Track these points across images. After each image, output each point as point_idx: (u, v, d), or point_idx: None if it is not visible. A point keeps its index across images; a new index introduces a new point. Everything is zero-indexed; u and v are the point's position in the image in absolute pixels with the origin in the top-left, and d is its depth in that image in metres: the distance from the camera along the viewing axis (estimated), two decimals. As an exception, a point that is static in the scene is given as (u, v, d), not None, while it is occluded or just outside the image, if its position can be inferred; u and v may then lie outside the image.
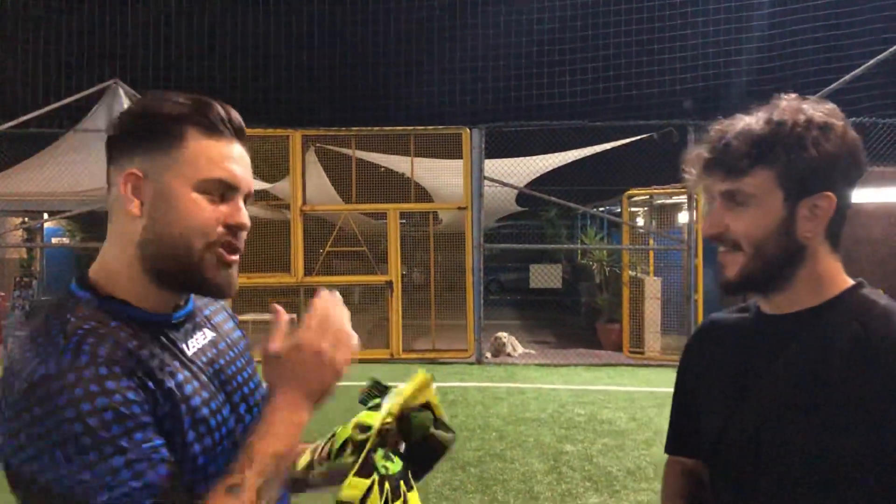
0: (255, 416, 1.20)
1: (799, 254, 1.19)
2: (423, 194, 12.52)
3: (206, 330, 1.21)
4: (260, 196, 13.22)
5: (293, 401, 1.08)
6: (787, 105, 1.18)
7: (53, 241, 17.63)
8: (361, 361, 6.98)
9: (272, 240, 11.13)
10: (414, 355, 10.48)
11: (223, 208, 1.11)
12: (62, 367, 0.95)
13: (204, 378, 1.12)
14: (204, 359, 1.15)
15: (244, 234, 1.16)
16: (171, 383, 1.05)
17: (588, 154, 12.59)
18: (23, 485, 0.94)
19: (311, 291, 11.10)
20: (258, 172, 13.58)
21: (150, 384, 1.01)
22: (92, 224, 18.36)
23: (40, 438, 0.92)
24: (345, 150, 11.76)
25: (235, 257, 1.15)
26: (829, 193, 1.16)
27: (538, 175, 13.01)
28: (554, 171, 13.13)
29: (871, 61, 10.29)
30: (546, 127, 11.16)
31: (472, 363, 10.17)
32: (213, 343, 1.20)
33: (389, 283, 10.44)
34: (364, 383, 1.33)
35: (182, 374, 1.08)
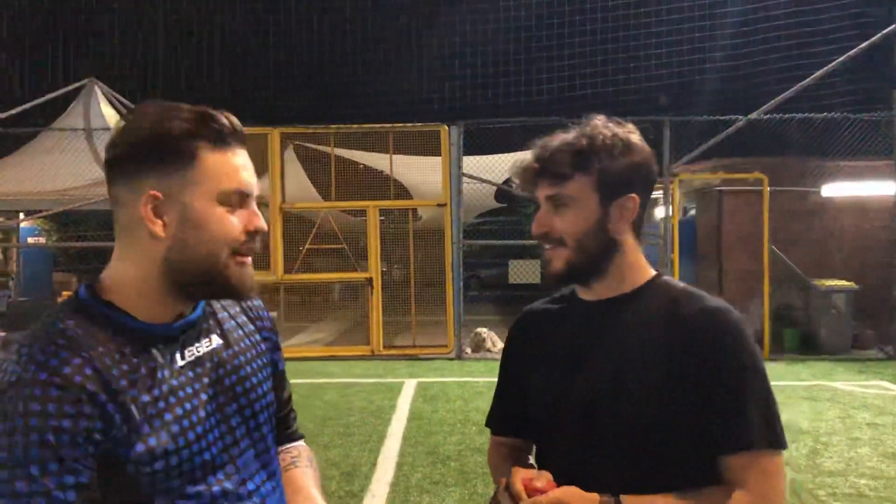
0: (256, 424, 1.23)
1: (612, 247, 1.39)
2: (403, 191, 12.58)
3: (213, 336, 1.22)
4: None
5: None
6: (597, 123, 1.39)
7: (29, 240, 17.45)
8: (342, 358, 7.12)
9: (251, 238, 11.12)
10: (394, 351, 10.54)
11: (243, 215, 1.15)
12: (22, 377, 0.99)
13: (196, 386, 1.15)
14: (201, 367, 1.17)
15: (261, 237, 1.20)
16: (146, 398, 1.07)
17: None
18: None
19: (291, 289, 11.14)
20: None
21: (110, 406, 1.03)
22: (68, 223, 18.22)
23: None
24: (323, 148, 11.78)
25: (250, 258, 1.19)
26: (634, 195, 1.38)
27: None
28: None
29: (842, 57, 10.48)
30: (523, 123, 11.26)
31: (452, 359, 10.24)
32: (216, 351, 1.21)
33: (369, 280, 10.48)
34: (343, 380, 1.41)
35: (167, 385, 1.10)
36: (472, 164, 11.00)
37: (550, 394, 1.43)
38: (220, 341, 1.23)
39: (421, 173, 11.76)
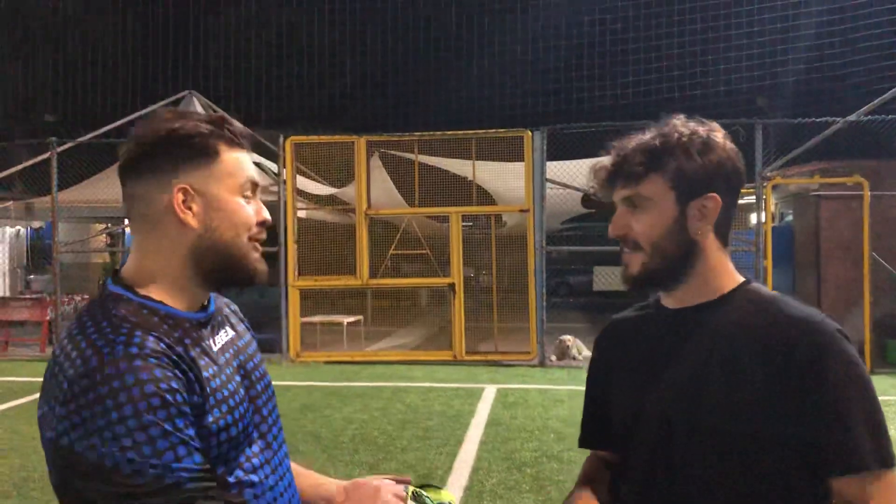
0: (272, 405, 1.36)
1: (692, 250, 1.33)
2: (486, 197, 12.59)
3: (227, 328, 1.33)
4: (327, 200, 13.52)
5: None
6: (675, 122, 1.36)
7: (133, 245, 18.29)
8: (425, 363, 7.20)
9: (338, 243, 11.39)
10: (477, 357, 10.55)
11: (255, 206, 1.28)
12: (115, 356, 1.05)
13: (229, 371, 1.24)
14: (229, 353, 1.27)
15: (267, 227, 1.31)
16: (205, 374, 1.17)
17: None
18: (72, 463, 1.03)
19: (379, 294, 11.35)
20: (326, 177, 13.91)
21: (191, 374, 1.13)
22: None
23: (93, 420, 1.02)
24: (408, 155, 11.93)
25: (260, 247, 1.30)
26: (715, 195, 1.32)
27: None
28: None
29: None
30: (608, 127, 11.09)
31: (534, 366, 10.18)
32: (234, 340, 1.32)
33: (452, 286, 10.54)
34: (425, 384, 1.48)
35: (212, 368, 1.19)
36: (556, 169, 10.91)
37: (627, 406, 1.40)
38: (233, 333, 1.35)
39: (504, 179, 11.74)
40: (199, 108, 14.71)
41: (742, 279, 1.38)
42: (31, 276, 16.95)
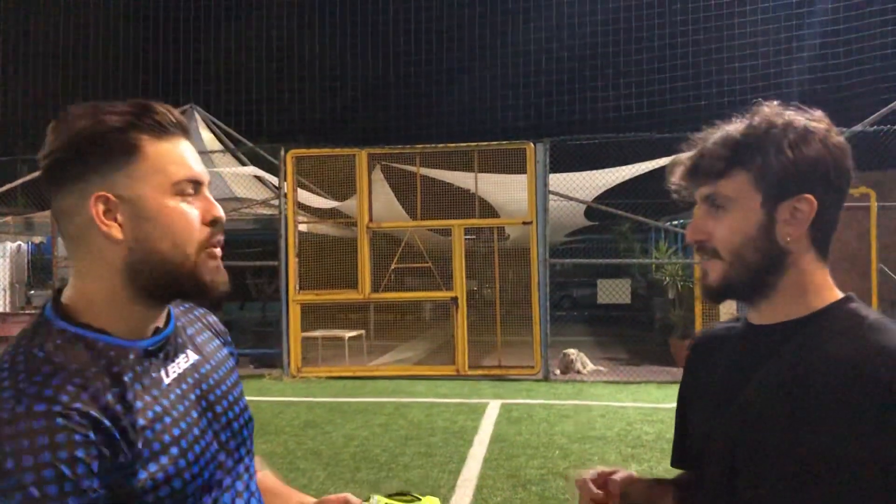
0: (241, 439, 1.20)
1: (781, 260, 1.16)
2: (489, 210, 12.52)
3: (188, 352, 1.16)
4: (329, 214, 13.45)
5: None
6: (768, 110, 1.18)
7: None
8: (428, 378, 7.09)
9: (340, 257, 11.30)
10: (480, 372, 10.43)
11: (199, 205, 1.08)
12: (17, 412, 0.91)
13: (184, 405, 1.09)
14: (186, 384, 1.12)
15: (222, 225, 1.12)
16: (142, 421, 1.01)
17: (659, 166, 12.35)
18: None
19: (382, 307, 11.31)
20: (328, 191, 13.85)
21: (115, 432, 0.97)
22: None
23: None
24: (410, 168, 11.87)
25: (219, 252, 1.11)
26: (810, 196, 1.14)
27: (608, 188, 12.81)
28: (624, 183, 12.89)
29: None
30: (611, 139, 11.02)
31: (539, 380, 10.05)
32: (196, 366, 1.16)
33: (454, 300, 10.44)
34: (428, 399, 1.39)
35: (160, 406, 1.04)
36: (559, 181, 10.83)
37: (700, 428, 1.26)
38: (197, 356, 1.18)
39: (507, 192, 11.67)
40: (201, 122, 14.69)
41: (841, 296, 1.19)
42: (32, 292, 16.87)
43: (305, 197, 12.87)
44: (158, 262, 1.04)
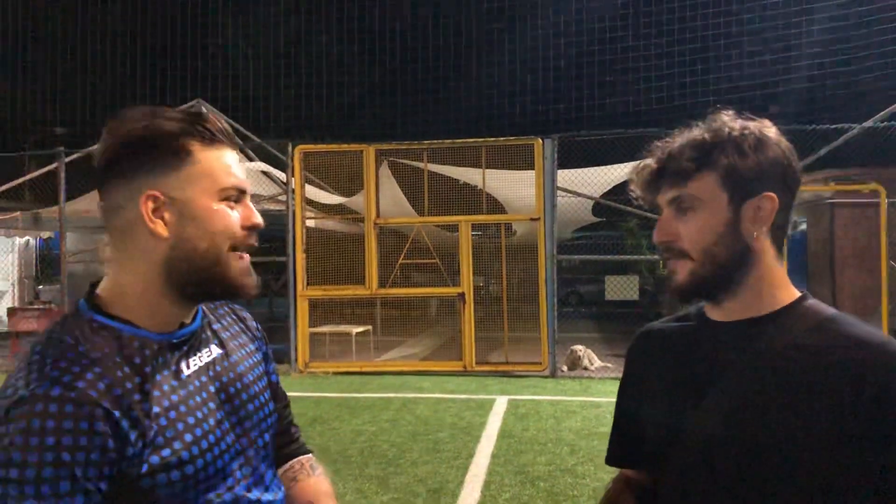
0: (264, 429, 1.25)
1: (747, 257, 1.22)
2: (496, 206, 12.50)
3: (212, 346, 1.23)
4: (336, 210, 13.46)
5: None
6: (725, 118, 1.25)
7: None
8: (435, 373, 7.10)
9: (348, 252, 11.30)
10: (487, 368, 10.42)
11: (241, 211, 1.16)
12: (36, 393, 0.97)
13: (203, 395, 1.15)
14: (206, 376, 1.17)
15: (257, 232, 1.20)
16: (157, 409, 1.06)
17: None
18: None
19: (388, 303, 11.28)
20: (335, 187, 13.85)
21: (125, 423, 1.02)
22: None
23: None
24: (417, 164, 11.85)
25: (248, 256, 1.19)
26: (772, 195, 1.21)
27: (616, 184, 12.78)
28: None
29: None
30: (620, 136, 10.98)
31: (546, 376, 10.04)
32: (218, 360, 1.22)
33: (461, 296, 10.43)
34: (435, 395, 1.40)
35: (176, 395, 1.10)
36: (567, 177, 10.80)
37: (666, 428, 1.27)
38: (220, 351, 1.24)
39: (515, 188, 11.65)
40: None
41: (799, 293, 1.26)
42: (41, 287, 16.95)
43: (313, 193, 12.87)
44: (195, 259, 1.11)
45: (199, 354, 1.18)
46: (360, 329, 11.63)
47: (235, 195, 1.15)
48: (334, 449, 6.18)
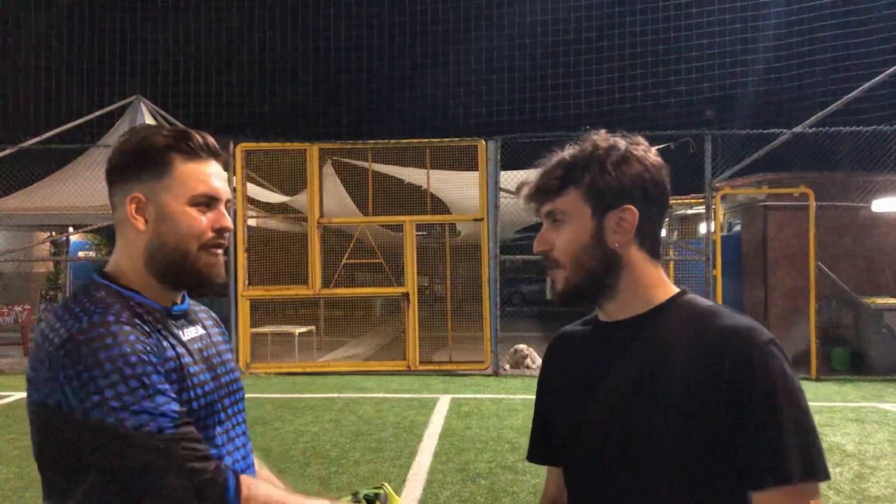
0: (236, 398, 1.48)
1: (615, 262, 1.33)
2: (441, 206, 12.56)
3: (198, 326, 1.48)
4: (279, 209, 13.32)
5: None
6: (596, 137, 1.36)
7: (80, 254, 17.77)
8: (379, 373, 7.10)
9: (290, 252, 11.21)
10: (431, 367, 10.47)
11: (211, 216, 1.39)
12: (94, 321, 1.22)
13: (196, 357, 1.38)
14: (196, 346, 1.41)
15: (228, 234, 1.43)
16: (171, 353, 1.31)
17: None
18: (58, 420, 1.18)
19: (332, 303, 11.19)
20: (278, 185, 13.71)
21: (165, 343, 1.30)
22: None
23: (77, 378, 1.17)
24: (361, 163, 11.82)
25: (220, 251, 1.41)
26: (632, 207, 1.31)
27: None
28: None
29: (891, 69, 10.19)
30: (561, 138, 11.13)
31: (489, 375, 10.14)
32: (203, 336, 1.46)
33: (406, 295, 10.45)
34: (378, 395, 1.48)
35: (182, 349, 1.35)
36: (511, 178, 10.92)
37: (565, 422, 1.39)
38: (203, 331, 1.48)
39: (459, 188, 11.72)
40: (147, 114, 14.40)
41: (676, 290, 1.36)
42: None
43: (254, 191, 12.72)
44: (166, 252, 1.36)
45: (190, 328, 1.43)
46: (303, 329, 11.54)
47: (206, 201, 1.38)
48: (276, 450, 6.13)
